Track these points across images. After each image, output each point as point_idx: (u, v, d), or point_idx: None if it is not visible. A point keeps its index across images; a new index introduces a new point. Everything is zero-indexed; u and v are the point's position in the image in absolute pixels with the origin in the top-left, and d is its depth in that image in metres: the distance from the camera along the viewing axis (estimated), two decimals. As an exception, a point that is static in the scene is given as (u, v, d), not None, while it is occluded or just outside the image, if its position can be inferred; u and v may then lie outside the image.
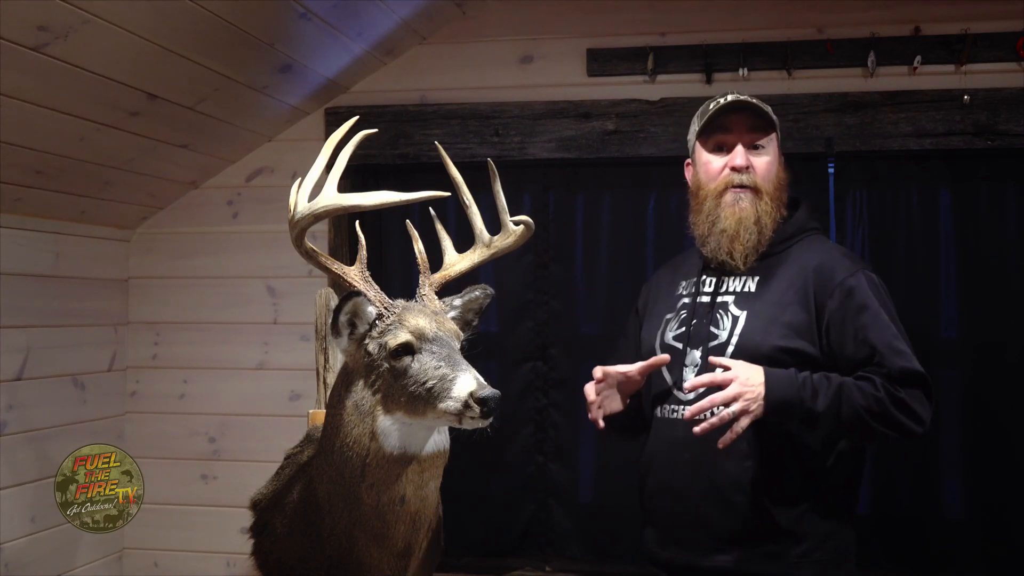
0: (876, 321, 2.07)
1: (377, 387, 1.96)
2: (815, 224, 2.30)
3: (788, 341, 2.09)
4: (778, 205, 2.21)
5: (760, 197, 2.19)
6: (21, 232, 2.98)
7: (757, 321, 2.13)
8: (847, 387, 2.00)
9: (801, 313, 2.11)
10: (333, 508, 2.02)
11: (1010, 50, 3.00)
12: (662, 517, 2.19)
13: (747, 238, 2.17)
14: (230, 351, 3.47)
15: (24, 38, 2.23)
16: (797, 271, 2.16)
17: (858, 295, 2.09)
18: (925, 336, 3.09)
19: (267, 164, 3.47)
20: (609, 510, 3.26)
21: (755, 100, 2.26)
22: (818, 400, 1.98)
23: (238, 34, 2.66)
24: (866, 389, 2.00)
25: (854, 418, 1.99)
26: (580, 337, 3.35)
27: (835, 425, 2.00)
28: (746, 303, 2.17)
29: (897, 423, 2.00)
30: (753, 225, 2.17)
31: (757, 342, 2.10)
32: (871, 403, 1.99)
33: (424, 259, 2.17)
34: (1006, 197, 3.10)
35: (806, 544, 2.06)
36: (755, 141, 2.22)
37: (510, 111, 3.28)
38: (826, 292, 2.11)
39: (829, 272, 2.13)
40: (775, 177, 2.23)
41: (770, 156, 2.23)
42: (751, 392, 1.97)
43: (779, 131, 2.30)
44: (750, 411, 1.96)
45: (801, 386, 1.99)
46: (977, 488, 3.07)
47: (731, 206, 2.19)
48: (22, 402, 3.01)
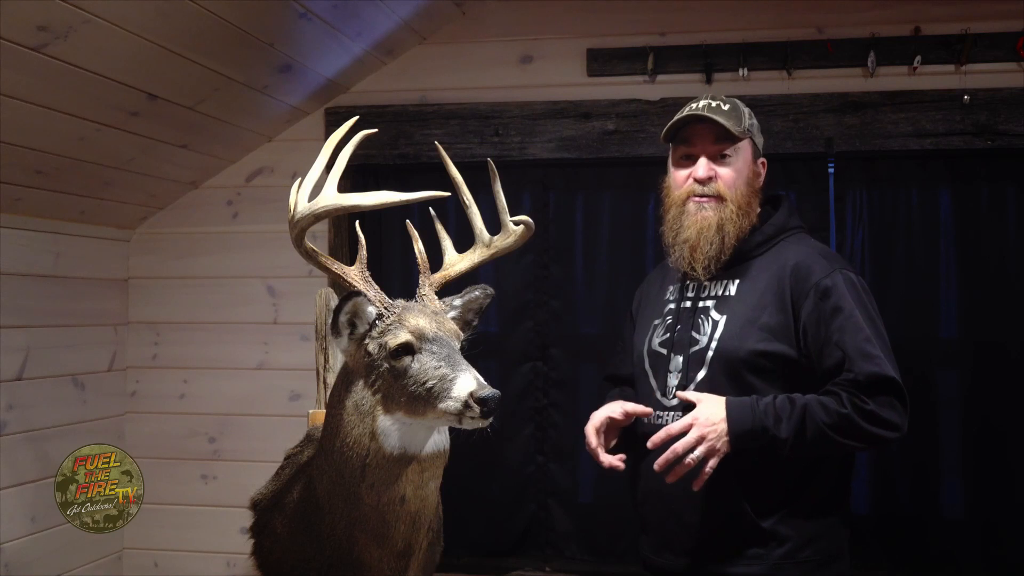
0: (848, 324, 2.04)
1: (377, 387, 1.96)
2: (797, 223, 2.27)
3: (766, 345, 2.08)
4: (747, 211, 2.19)
5: (724, 204, 2.17)
6: (21, 232, 2.98)
7: (735, 325, 2.12)
8: (811, 408, 1.98)
9: (778, 315, 2.09)
10: (333, 508, 2.02)
11: (1010, 50, 3.01)
12: (653, 523, 2.20)
13: (707, 248, 2.15)
14: (230, 351, 3.47)
15: (24, 38, 2.23)
16: (775, 272, 2.14)
17: (833, 296, 2.07)
18: (925, 336, 3.10)
19: (267, 164, 3.47)
20: (609, 510, 3.26)
21: (729, 104, 2.21)
22: (781, 426, 1.98)
23: (238, 34, 2.66)
24: (831, 406, 1.98)
25: (820, 437, 1.97)
26: (580, 337, 3.35)
27: (801, 447, 1.99)
28: (726, 307, 2.16)
29: (867, 435, 1.98)
30: (714, 234, 2.15)
31: (735, 347, 2.09)
32: (836, 420, 1.97)
33: (424, 259, 2.17)
34: (1006, 197, 3.10)
35: (789, 545, 2.06)
36: (721, 151, 2.19)
37: (510, 111, 3.28)
38: (802, 293, 2.09)
39: (805, 273, 2.11)
40: (743, 185, 2.20)
41: (738, 165, 2.20)
42: (713, 432, 1.97)
43: (756, 136, 2.26)
44: (716, 450, 1.98)
45: (763, 414, 1.98)
46: (977, 488, 3.07)
47: (693, 215, 2.18)
48: (22, 402, 3.01)
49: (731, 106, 2.22)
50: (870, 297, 2.13)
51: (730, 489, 2.06)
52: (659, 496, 2.15)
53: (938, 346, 3.11)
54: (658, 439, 2.02)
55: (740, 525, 2.07)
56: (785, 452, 2.00)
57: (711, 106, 2.20)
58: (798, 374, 2.07)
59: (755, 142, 2.26)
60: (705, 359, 2.12)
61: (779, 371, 2.07)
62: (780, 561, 2.06)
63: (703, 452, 1.97)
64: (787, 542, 2.06)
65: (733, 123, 2.18)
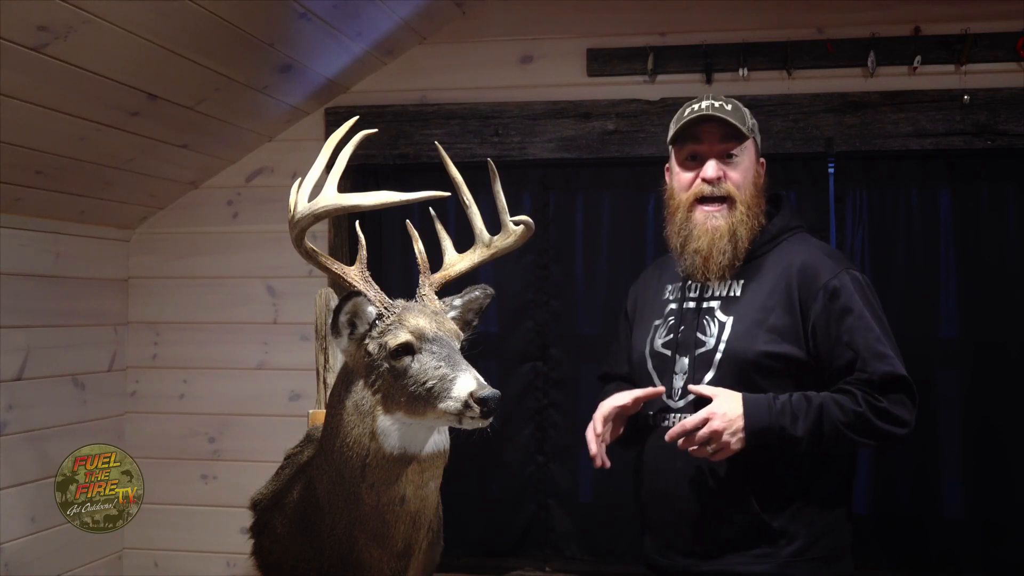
0: (859, 324, 2.05)
1: (377, 387, 1.96)
2: (798, 222, 2.28)
3: (774, 346, 2.08)
4: (755, 212, 2.19)
5: (734, 207, 2.16)
6: (21, 232, 2.98)
7: (742, 326, 2.12)
8: (827, 406, 2.00)
9: (786, 317, 2.09)
10: (333, 508, 2.02)
11: (1010, 50, 3.00)
12: (658, 523, 2.20)
13: (720, 258, 2.15)
14: (230, 351, 3.47)
15: (24, 38, 2.22)
16: (781, 273, 2.14)
17: (842, 297, 2.08)
18: (925, 336, 3.10)
19: (267, 164, 3.47)
20: (609, 510, 3.25)
21: (731, 104, 2.22)
22: (798, 425, 1.99)
23: (238, 34, 2.66)
24: (846, 405, 2.00)
25: (836, 436, 1.99)
26: (580, 337, 3.35)
27: (817, 445, 2.01)
28: (732, 308, 2.16)
29: (881, 433, 2.01)
30: (727, 243, 2.15)
31: (743, 348, 2.09)
32: (852, 419, 1.99)
33: (424, 259, 2.17)
34: (1006, 197, 3.10)
35: (799, 543, 2.06)
36: (728, 150, 2.19)
37: (510, 111, 3.28)
38: (810, 294, 2.09)
39: (813, 273, 2.11)
40: (750, 184, 2.20)
41: (744, 164, 2.20)
42: (729, 427, 1.99)
43: (757, 136, 2.26)
44: (730, 447, 1.99)
45: (780, 413, 1.99)
46: (977, 488, 3.07)
47: (702, 224, 2.17)
48: (22, 402, 3.00)
49: (733, 106, 2.23)
50: (875, 295, 2.15)
51: (738, 487, 2.06)
52: (663, 496, 2.15)
53: (938, 346, 3.10)
54: (675, 433, 2.02)
55: (748, 523, 2.07)
56: (801, 450, 2.01)
57: (715, 106, 2.20)
58: (806, 375, 2.08)
59: (757, 142, 2.27)
60: (713, 361, 2.12)
61: (787, 372, 2.07)
62: (790, 559, 2.06)
63: (716, 447, 1.99)
64: (797, 539, 2.06)
65: (739, 122, 2.19)
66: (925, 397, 3.04)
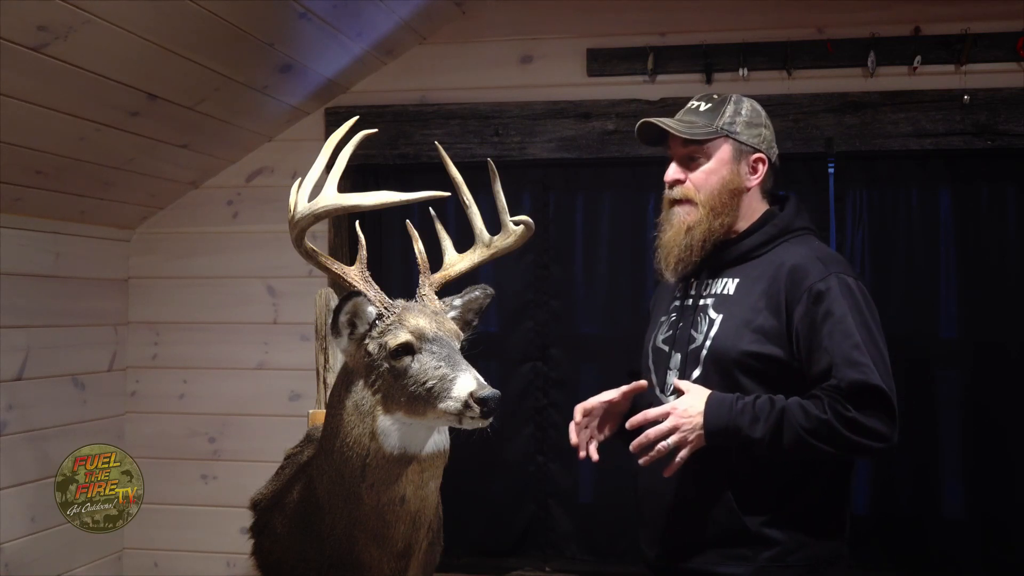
0: (838, 329, 2.00)
1: (377, 387, 1.96)
2: (803, 224, 2.23)
3: (758, 347, 2.06)
4: (720, 212, 2.16)
5: (695, 208, 2.17)
6: (21, 232, 2.98)
7: (730, 325, 2.11)
8: (790, 411, 1.96)
9: (772, 318, 2.07)
10: (333, 508, 2.02)
11: (1010, 50, 3.01)
12: (649, 518, 2.21)
13: (676, 251, 2.17)
14: (230, 351, 3.47)
15: (24, 38, 2.23)
16: (772, 274, 2.12)
17: (826, 301, 2.03)
18: (925, 336, 3.10)
19: (267, 164, 3.47)
20: (609, 510, 3.26)
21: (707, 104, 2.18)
22: (757, 426, 1.96)
23: (238, 34, 2.66)
24: (811, 411, 1.95)
25: (798, 442, 1.95)
26: (580, 337, 3.35)
27: (778, 449, 1.97)
28: (723, 306, 2.15)
29: (849, 443, 1.95)
30: (683, 237, 2.16)
31: (729, 346, 2.09)
32: (815, 425, 1.94)
33: (424, 259, 2.17)
34: (1006, 197, 3.10)
35: (777, 549, 2.05)
36: (690, 153, 2.19)
37: (510, 111, 3.28)
38: (796, 297, 2.06)
39: (800, 276, 2.08)
40: (716, 184, 2.17)
41: (709, 166, 2.17)
42: (688, 423, 1.98)
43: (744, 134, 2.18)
44: (688, 442, 1.99)
45: (740, 413, 1.98)
46: (977, 488, 3.07)
47: (670, 222, 2.21)
48: (22, 402, 3.01)
49: (711, 105, 2.19)
50: (869, 303, 2.08)
51: (721, 489, 2.06)
52: (654, 492, 2.16)
53: (938, 346, 3.11)
54: (636, 421, 2.03)
55: (728, 525, 2.06)
56: (761, 452, 1.98)
57: (691, 108, 2.21)
58: (790, 377, 2.06)
59: (739, 140, 2.19)
60: (700, 357, 2.12)
61: (770, 373, 2.06)
62: (767, 564, 2.04)
63: (675, 441, 1.98)
64: (775, 545, 2.05)
65: (702, 123, 2.15)
66: (925, 397, 3.06)
